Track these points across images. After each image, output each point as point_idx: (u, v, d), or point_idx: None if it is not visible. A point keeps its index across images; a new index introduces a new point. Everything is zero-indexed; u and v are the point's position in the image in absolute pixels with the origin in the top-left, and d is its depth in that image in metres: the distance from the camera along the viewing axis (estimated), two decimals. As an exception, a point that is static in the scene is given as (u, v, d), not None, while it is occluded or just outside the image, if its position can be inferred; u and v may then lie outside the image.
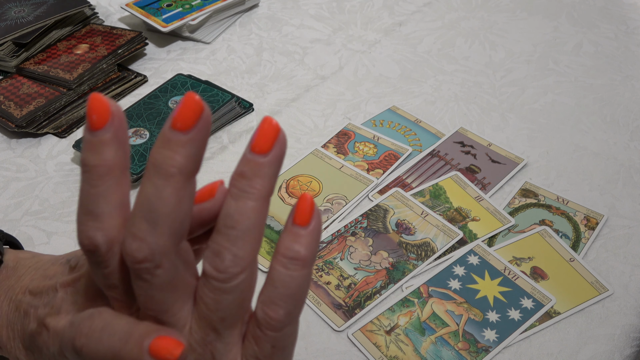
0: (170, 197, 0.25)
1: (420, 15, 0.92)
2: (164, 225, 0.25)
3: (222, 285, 0.26)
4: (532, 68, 0.80)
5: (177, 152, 0.24)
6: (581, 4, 0.93)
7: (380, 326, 0.50)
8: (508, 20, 0.90)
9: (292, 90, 0.76)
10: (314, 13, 0.92)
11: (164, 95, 0.69)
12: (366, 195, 0.61)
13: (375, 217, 0.59)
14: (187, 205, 0.25)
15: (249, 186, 0.25)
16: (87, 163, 0.25)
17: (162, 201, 0.25)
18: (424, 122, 0.71)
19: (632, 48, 0.84)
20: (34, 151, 0.68)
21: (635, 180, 0.64)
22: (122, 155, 0.26)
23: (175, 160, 0.24)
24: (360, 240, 0.57)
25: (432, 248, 0.56)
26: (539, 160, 0.66)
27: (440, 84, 0.77)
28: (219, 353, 0.27)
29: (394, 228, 0.58)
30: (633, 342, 0.50)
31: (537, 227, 0.58)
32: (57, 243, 0.58)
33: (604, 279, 0.54)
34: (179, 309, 0.27)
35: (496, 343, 0.49)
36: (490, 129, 0.70)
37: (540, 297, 0.52)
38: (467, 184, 0.62)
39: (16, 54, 0.76)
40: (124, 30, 0.81)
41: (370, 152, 0.66)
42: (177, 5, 0.86)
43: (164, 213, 0.25)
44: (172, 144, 0.24)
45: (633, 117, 0.72)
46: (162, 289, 0.26)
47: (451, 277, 0.54)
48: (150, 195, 0.25)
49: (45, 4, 0.81)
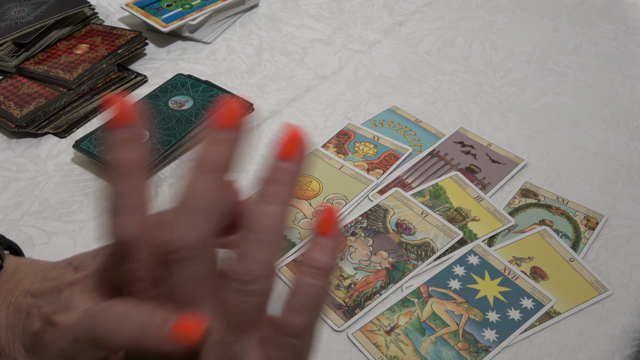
0: (215, 189, 0.26)
1: (420, 15, 0.92)
2: (212, 215, 0.26)
3: (243, 287, 0.26)
4: (532, 68, 0.80)
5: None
6: (581, 4, 0.93)
7: (380, 326, 0.50)
8: (508, 20, 0.90)
9: (292, 90, 0.76)
10: (314, 13, 0.92)
11: (164, 95, 0.69)
12: (366, 196, 0.61)
13: (375, 217, 0.59)
14: (224, 200, 0.27)
15: (270, 191, 0.26)
16: (116, 160, 0.27)
17: (210, 193, 0.26)
18: (424, 122, 0.71)
19: (632, 48, 0.84)
20: (34, 151, 0.68)
21: (635, 180, 0.64)
22: (144, 153, 0.28)
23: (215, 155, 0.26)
24: (360, 240, 0.57)
25: (432, 248, 0.56)
26: (539, 160, 0.66)
27: (440, 84, 0.77)
28: (237, 356, 0.27)
29: (394, 228, 0.58)
30: (633, 342, 0.50)
31: (537, 227, 0.58)
32: (57, 243, 0.58)
33: (604, 279, 0.54)
34: (204, 305, 0.28)
35: (496, 343, 0.49)
36: (490, 129, 0.70)
37: (540, 297, 0.52)
38: (467, 184, 0.62)
39: (16, 54, 0.76)
40: (124, 30, 0.81)
41: (370, 152, 0.66)
42: (177, 5, 0.86)
43: (212, 204, 0.26)
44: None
45: (633, 117, 0.72)
46: (197, 280, 0.27)
47: (451, 277, 0.54)
48: (199, 187, 0.26)
49: (45, 4, 0.81)
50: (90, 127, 0.71)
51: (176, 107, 0.67)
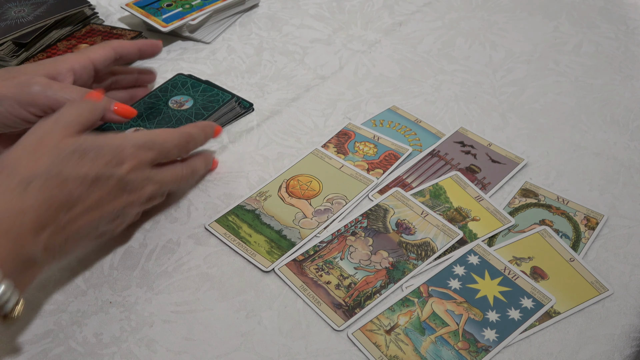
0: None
1: (421, 15, 0.92)
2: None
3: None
4: (532, 68, 0.80)
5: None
6: (581, 4, 0.93)
7: (380, 326, 0.50)
8: (508, 20, 0.90)
9: (292, 90, 0.76)
10: (314, 13, 0.92)
11: (164, 95, 0.69)
12: (366, 196, 0.61)
13: (376, 216, 0.59)
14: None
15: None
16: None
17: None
18: (424, 122, 0.71)
19: (632, 48, 0.84)
20: (34, 151, 0.68)
21: (635, 180, 0.64)
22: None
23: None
24: (360, 240, 0.57)
25: (432, 248, 0.56)
26: (539, 160, 0.66)
27: (440, 84, 0.77)
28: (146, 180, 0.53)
29: (394, 228, 0.58)
30: (633, 342, 0.50)
31: (537, 227, 0.58)
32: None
33: (604, 279, 0.54)
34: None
35: (496, 343, 0.49)
36: (490, 129, 0.70)
37: (540, 297, 0.52)
38: (467, 184, 0.62)
39: (16, 54, 0.76)
40: (124, 30, 0.81)
41: (370, 152, 0.66)
42: (177, 5, 0.86)
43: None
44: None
45: (633, 117, 0.72)
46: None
47: (451, 276, 0.54)
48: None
49: (45, 4, 0.81)
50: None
51: (176, 107, 0.67)
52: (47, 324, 0.50)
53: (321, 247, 0.56)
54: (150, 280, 0.54)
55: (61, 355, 0.48)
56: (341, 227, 0.58)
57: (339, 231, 0.58)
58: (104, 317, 0.51)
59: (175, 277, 0.54)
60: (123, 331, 0.50)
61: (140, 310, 0.51)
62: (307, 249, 0.56)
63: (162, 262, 0.55)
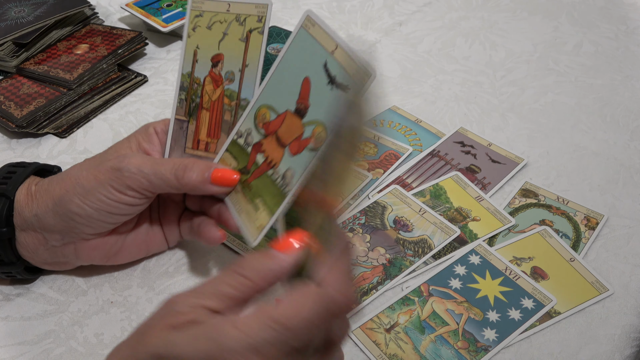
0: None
1: (421, 15, 0.92)
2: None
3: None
4: (532, 68, 0.80)
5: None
6: (581, 4, 0.93)
7: (380, 324, 0.50)
8: (508, 20, 0.90)
9: (292, 90, 0.76)
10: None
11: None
12: (366, 196, 0.61)
13: (373, 213, 0.59)
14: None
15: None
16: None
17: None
18: (424, 122, 0.71)
19: (632, 48, 0.84)
20: (34, 151, 0.68)
21: (635, 180, 0.64)
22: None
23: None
24: (358, 237, 0.57)
25: (429, 245, 0.56)
26: (539, 160, 0.66)
27: (440, 84, 0.77)
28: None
29: (391, 225, 0.58)
30: (633, 342, 0.50)
31: (538, 227, 0.58)
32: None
33: (604, 278, 0.54)
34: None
35: (496, 343, 0.49)
36: (491, 129, 0.70)
37: (540, 297, 0.52)
38: (468, 184, 0.62)
39: (16, 54, 0.76)
40: (124, 30, 0.81)
41: (370, 151, 0.66)
42: (177, 5, 0.86)
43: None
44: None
45: (633, 117, 0.72)
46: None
47: (452, 276, 0.54)
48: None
49: (45, 4, 0.81)
50: (90, 126, 0.71)
51: (274, 53, 0.75)
52: (48, 324, 0.50)
53: (321, 247, 0.56)
54: (151, 280, 0.54)
55: (62, 356, 0.48)
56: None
57: (339, 231, 0.58)
58: (105, 317, 0.51)
59: (176, 278, 0.54)
60: (124, 331, 0.50)
61: (141, 310, 0.51)
62: (307, 249, 0.56)
63: (163, 262, 0.55)
